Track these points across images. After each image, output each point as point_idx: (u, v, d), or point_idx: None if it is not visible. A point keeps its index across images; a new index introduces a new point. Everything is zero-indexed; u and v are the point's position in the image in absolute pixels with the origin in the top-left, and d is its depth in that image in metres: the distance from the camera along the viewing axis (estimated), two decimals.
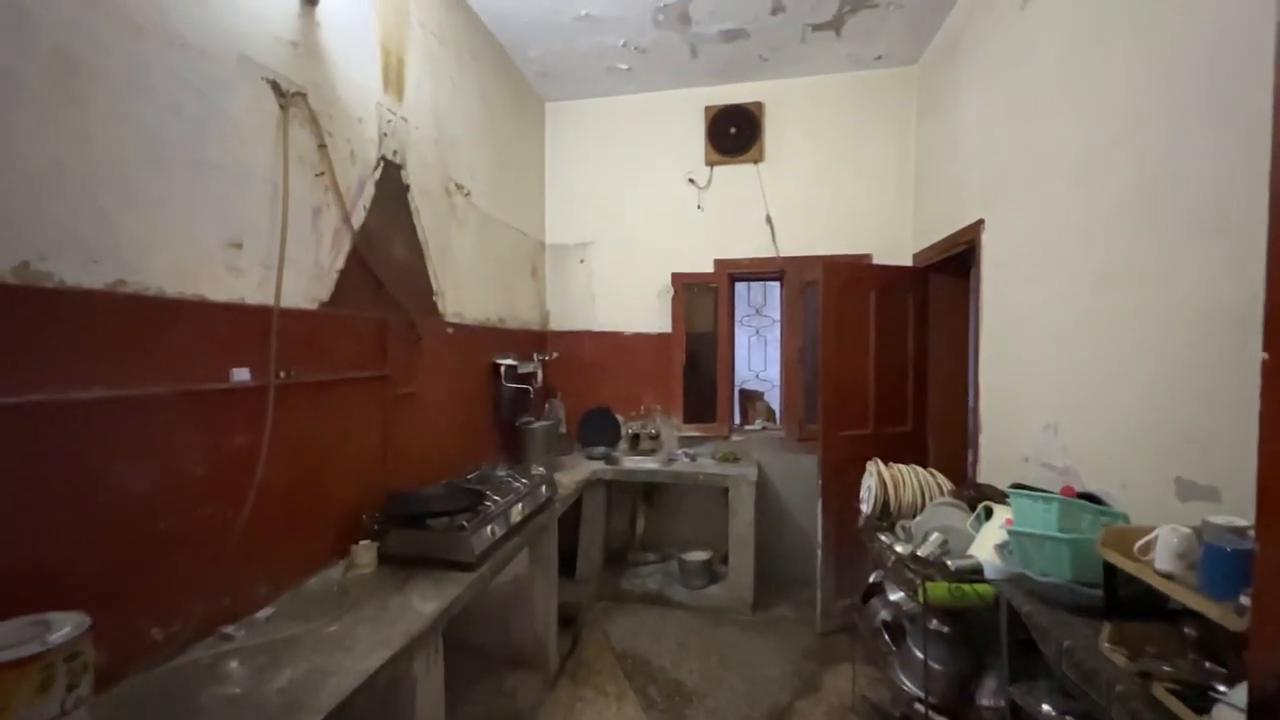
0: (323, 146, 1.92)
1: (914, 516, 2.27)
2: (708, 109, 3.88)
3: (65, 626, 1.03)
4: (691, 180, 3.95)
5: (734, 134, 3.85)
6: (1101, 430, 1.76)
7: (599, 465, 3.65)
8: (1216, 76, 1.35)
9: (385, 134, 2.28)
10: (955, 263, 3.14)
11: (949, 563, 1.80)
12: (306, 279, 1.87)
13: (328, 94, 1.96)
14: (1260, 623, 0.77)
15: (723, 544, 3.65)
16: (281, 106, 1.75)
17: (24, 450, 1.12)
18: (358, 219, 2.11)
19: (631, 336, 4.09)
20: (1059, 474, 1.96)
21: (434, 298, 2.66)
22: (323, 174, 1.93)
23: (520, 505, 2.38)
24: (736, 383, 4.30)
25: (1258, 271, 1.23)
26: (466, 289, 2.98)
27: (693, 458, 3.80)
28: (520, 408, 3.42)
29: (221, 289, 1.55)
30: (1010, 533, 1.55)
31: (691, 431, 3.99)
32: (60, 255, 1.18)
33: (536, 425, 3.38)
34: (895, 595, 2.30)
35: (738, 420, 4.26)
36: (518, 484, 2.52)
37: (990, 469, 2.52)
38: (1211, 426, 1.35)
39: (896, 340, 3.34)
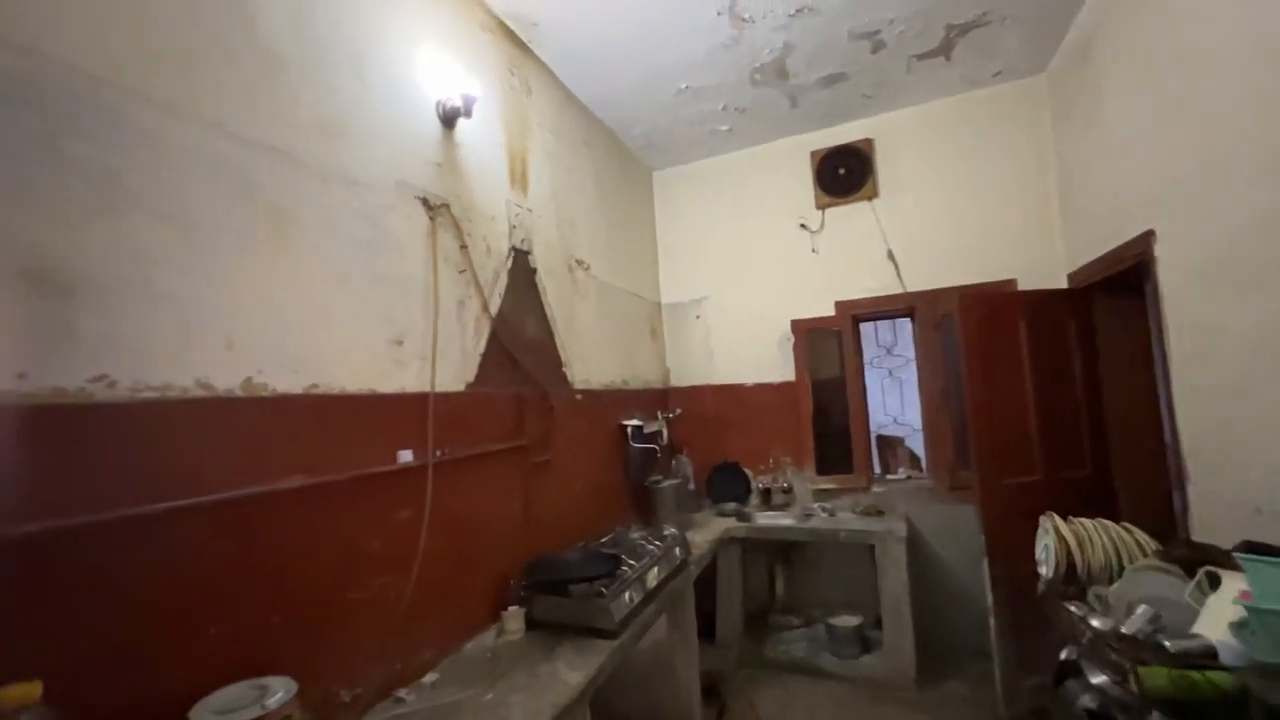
0: (464, 247, 2.17)
1: (1109, 582, 1.93)
2: (813, 154, 3.85)
3: (279, 691, 1.20)
4: (803, 225, 3.90)
5: (843, 174, 3.77)
6: None
7: (730, 522, 3.56)
8: None
9: (514, 226, 2.54)
10: (1124, 281, 2.74)
11: (1166, 643, 1.50)
12: (455, 364, 2.09)
13: (466, 201, 2.23)
14: None
15: (872, 607, 3.34)
16: (430, 218, 2.02)
17: (244, 534, 1.35)
18: (494, 305, 2.34)
19: (754, 388, 4.03)
20: None
21: (563, 368, 2.83)
22: (465, 270, 2.17)
23: (656, 569, 2.38)
24: (873, 429, 4.02)
25: None
26: (591, 356, 3.14)
27: (831, 512, 3.57)
28: (648, 467, 3.47)
29: (388, 381, 1.79)
30: (1249, 609, 1.26)
31: (827, 484, 3.77)
32: (272, 369, 1.44)
33: (665, 484, 3.40)
34: (1097, 678, 1.94)
35: (877, 470, 3.96)
36: (651, 546, 2.53)
37: (1207, 523, 2.09)
38: None
39: (1059, 371, 2.95)
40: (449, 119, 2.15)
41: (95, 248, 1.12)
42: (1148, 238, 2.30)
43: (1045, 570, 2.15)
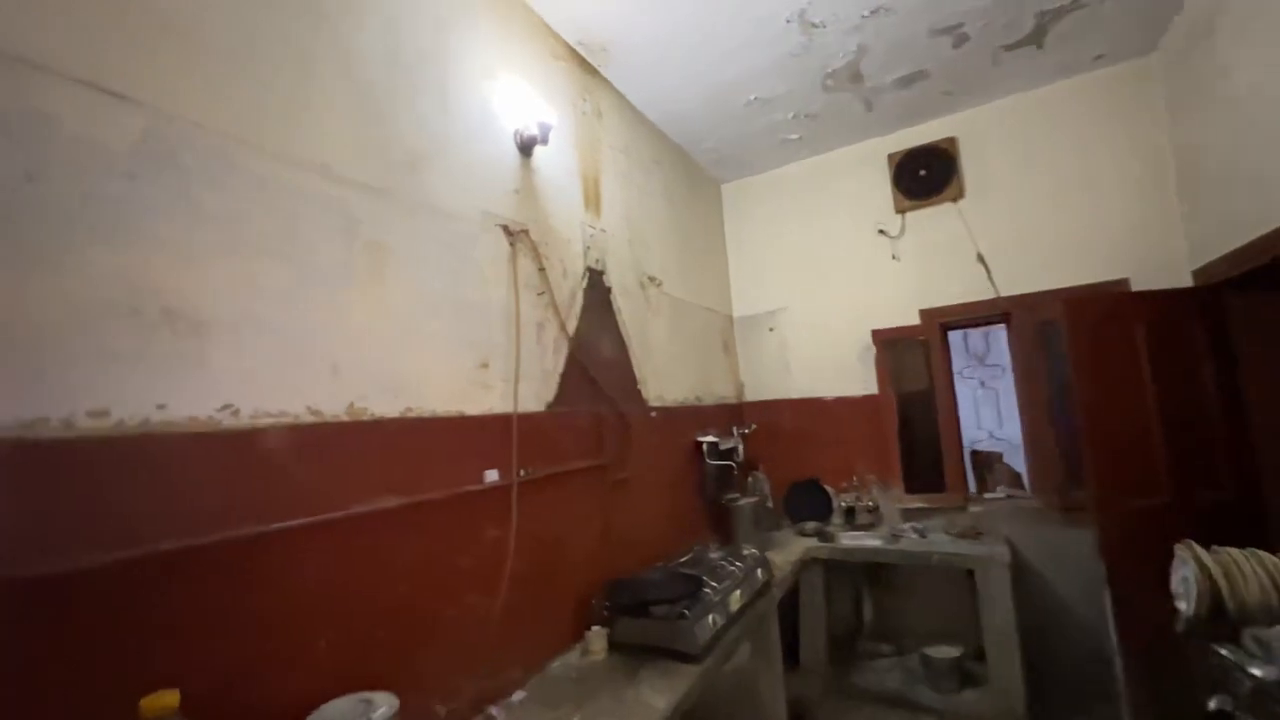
0: (542, 270, 2.23)
1: (1269, 623, 1.68)
2: (890, 156, 3.69)
3: (383, 705, 1.24)
4: (882, 231, 3.73)
5: (924, 176, 3.59)
6: None
7: (812, 542, 3.41)
8: None
9: (588, 247, 2.58)
10: (1265, 276, 2.42)
11: None
12: (536, 385, 2.13)
13: (543, 225, 2.29)
14: None
15: (972, 637, 3.09)
16: (511, 244, 2.09)
17: (346, 552, 1.42)
18: (571, 326, 2.37)
19: (833, 401, 3.87)
20: None
21: (638, 386, 2.84)
22: (543, 293, 2.23)
23: (738, 591, 2.31)
24: (966, 444, 3.76)
25: None
26: (665, 373, 3.12)
27: (922, 533, 3.35)
28: (724, 484, 3.40)
29: (475, 403, 1.85)
30: None
31: (917, 503, 3.55)
32: (374, 393, 1.52)
33: (743, 502, 3.31)
34: None
35: (973, 488, 3.69)
36: (733, 567, 2.46)
37: None
38: None
39: (1186, 380, 2.64)
40: (526, 147, 2.23)
41: (222, 286, 1.23)
42: None
43: (1185, 606, 1.91)
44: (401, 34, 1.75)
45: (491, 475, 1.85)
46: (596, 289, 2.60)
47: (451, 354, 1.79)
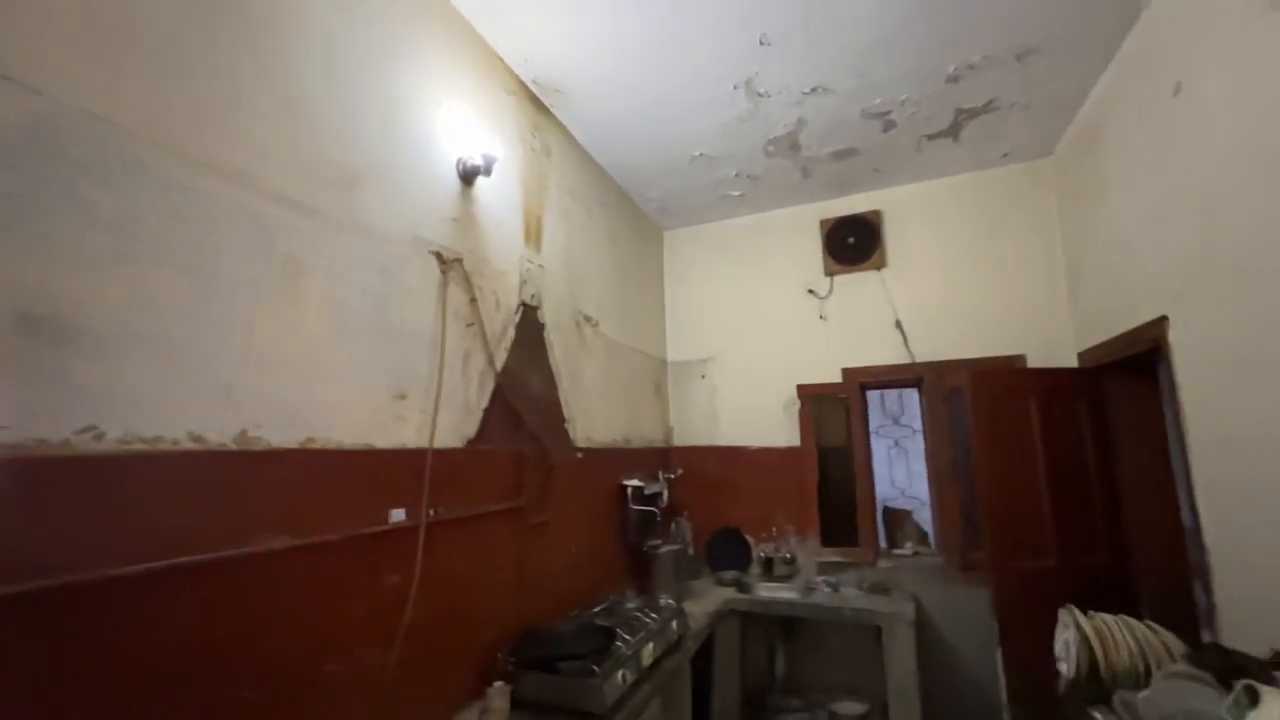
0: (474, 301, 2.17)
1: (1135, 686, 1.81)
2: (823, 222, 3.92)
3: None
4: (812, 291, 3.92)
5: (852, 243, 3.82)
6: None
7: (730, 592, 3.40)
8: None
9: (525, 281, 2.54)
10: (1137, 363, 2.72)
11: None
12: (457, 419, 2.04)
13: (479, 256, 2.24)
14: None
15: (878, 692, 3.15)
16: (443, 272, 2.02)
17: (222, 599, 1.26)
18: (500, 359, 2.31)
19: (758, 451, 3.95)
20: None
21: (565, 425, 2.78)
22: (473, 324, 2.16)
23: (651, 645, 2.25)
24: (880, 500, 3.91)
25: None
26: (594, 413, 3.09)
27: (835, 587, 3.42)
28: (647, 530, 3.35)
29: (387, 435, 1.74)
30: None
31: (832, 556, 3.64)
32: (270, 421, 1.39)
33: (664, 549, 3.27)
34: None
35: (884, 543, 3.82)
36: (648, 619, 2.40)
37: (1238, 623, 1.97)
38: None
39: (1070, 453, 2.88)
40: (468, 176, 2.19)
41: (107, 295, 1.10)
42: (1161, 323, 2.29)
43: (1066, 668, 2.02)
44: (340, 50, 1.69)
45: (398, 515, 1.73)
46: (530, 324, 2.56)
47: (367, 382, 1.69)
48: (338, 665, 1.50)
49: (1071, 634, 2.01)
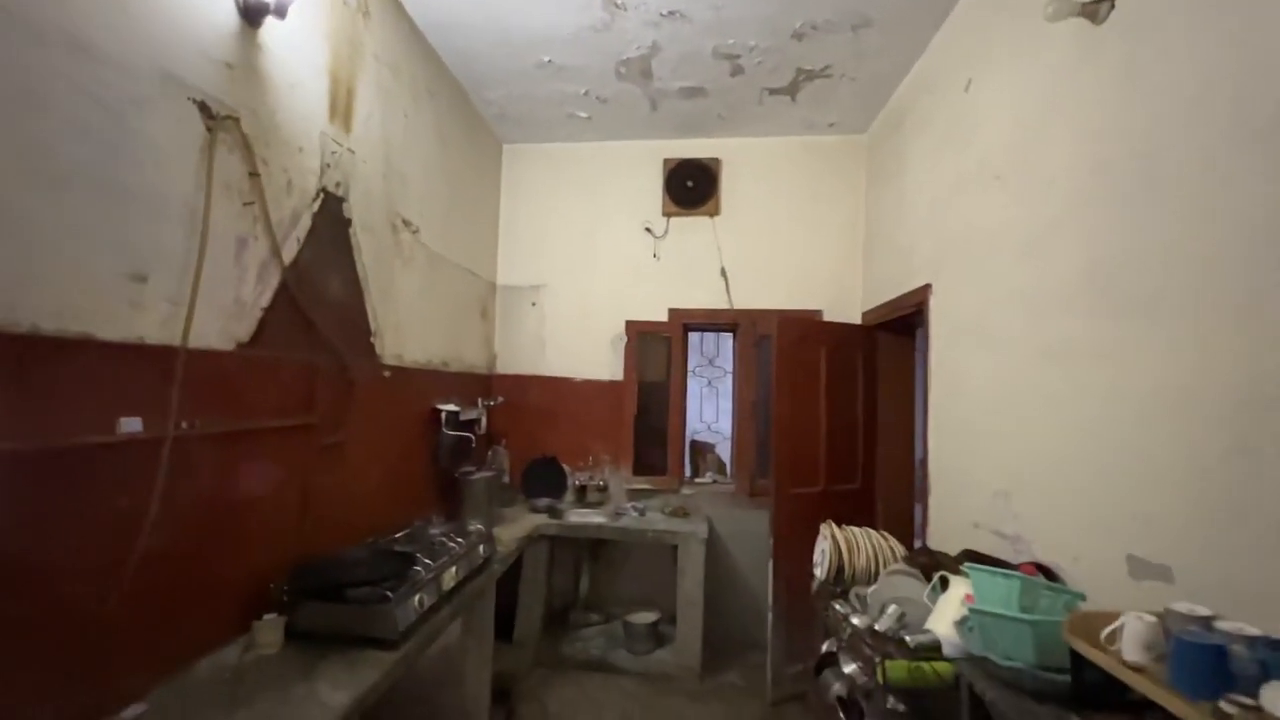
0: (255, 174, 1.76)
1: (868, 583, 2.21)
2: (666, 161, 3.93)
3: None
4: (648, 229, 3.95)
5: (691, 187, 3.90)
6: (1053, 502, 1.76)
7: (542, 519, 3.45)
8: (1152, 166, 1.41)
9: (328, 165, 2.15)
10: (902, 323, 3.22)
11: (908, 639, 1.73)
12: (224, 317, 1.68)
13: (265, 120, 1.82)
14: None
15: (671, 604, 3.49)
16: (209, 129, 1.60)
17: None
18: (289, 252, 1.94)
19: (582, 383, 3.98)
20: (1009, 542, 1.95)
21: (371, 338, 2.48)
22: (252, 203, 1.77)
23: (454, 569, 2.18)
24: (688, 434, 4.22)
25: (1196, 355, 1.27)
26: (409, 329, 2.80)
27: (641, 512, 3.66)
28: (461, 457, 3.21)
29: (116, 327, 1.36)
30: (971, 610, 1.50)
31: (641, 484, 3.86)
32: None
33: (477, 476, 3.18)
34: (849, 668, 2.20)
35: (689, 473, 4.16)
36: (452, 544, 2.31)
37: (940, 533, 2.51)
38: (1162, 506, 1.35)
39: (846, 397, 3.36)
40: (253, 13, 1.73)
41: None
42: (925, 291, 2.71)
43: (820, 572, 2.40)
44: None
45: (131, 424, 1.38)
46: (332, 216, 2.19)
47: (81, 252, 1.28)
48: (32, 607, 1.18)
49: (828, 544, 2.39)
